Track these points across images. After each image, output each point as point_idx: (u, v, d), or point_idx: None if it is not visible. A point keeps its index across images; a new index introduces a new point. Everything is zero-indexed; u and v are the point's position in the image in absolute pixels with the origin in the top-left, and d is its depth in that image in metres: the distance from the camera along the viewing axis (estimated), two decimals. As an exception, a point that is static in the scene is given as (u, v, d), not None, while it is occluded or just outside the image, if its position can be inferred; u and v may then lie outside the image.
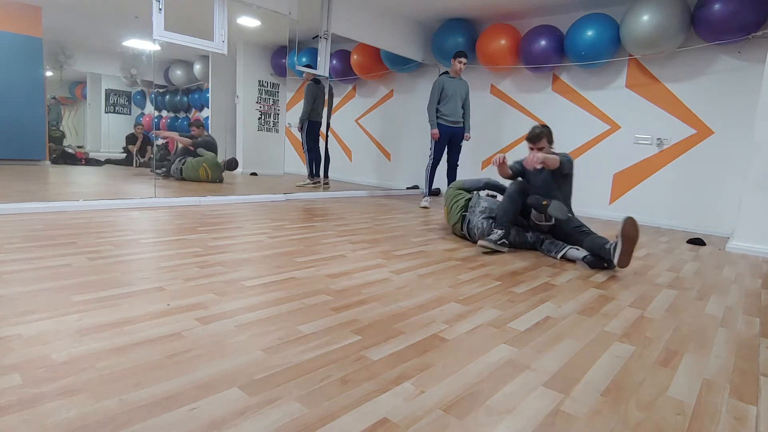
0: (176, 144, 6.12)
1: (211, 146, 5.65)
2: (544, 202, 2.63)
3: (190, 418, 0.92)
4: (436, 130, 4.56)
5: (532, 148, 2.85)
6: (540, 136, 2.82)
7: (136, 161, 5.85)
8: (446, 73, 4.64)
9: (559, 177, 2.77)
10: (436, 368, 1.21)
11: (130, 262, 1.98)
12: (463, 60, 4.52)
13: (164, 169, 5.53)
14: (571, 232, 2.68)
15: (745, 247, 3.30)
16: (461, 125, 4.70)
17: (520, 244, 2.89)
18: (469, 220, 2.98)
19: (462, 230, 3.05)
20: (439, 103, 4.57)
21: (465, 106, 4.69)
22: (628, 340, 1.51)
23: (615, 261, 2.34)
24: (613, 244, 2.38)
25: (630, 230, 2.27)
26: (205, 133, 5.77)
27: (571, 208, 2.81)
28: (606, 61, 4.49)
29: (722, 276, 2.55)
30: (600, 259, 2.47)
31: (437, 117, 4.58)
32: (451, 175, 4.79)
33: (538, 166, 2.61)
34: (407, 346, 1.34)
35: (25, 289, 1.58)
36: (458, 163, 4.83)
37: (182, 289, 1.68)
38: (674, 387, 1.21)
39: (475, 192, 3.15)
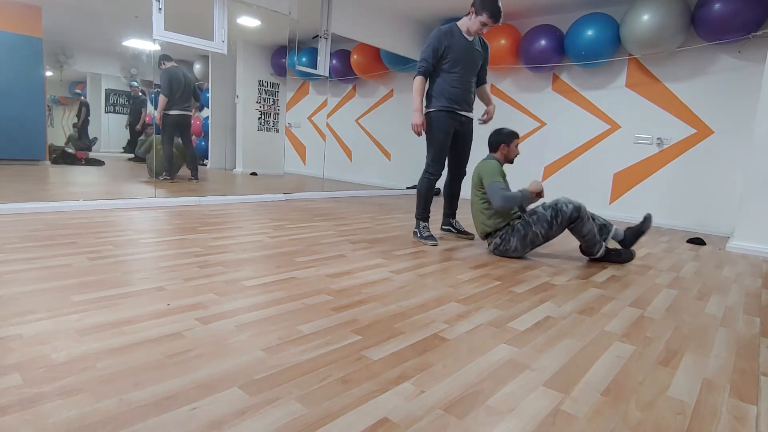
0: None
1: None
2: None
3: (191, 418, 0.92)
4: None
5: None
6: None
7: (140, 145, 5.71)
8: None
9: None
10: (436, 368, 1.21)
11: (130, 262, 1.98)
12: None
13: (165, 174, 5.37)
14: None
15: (745, 247, 3.30)
16: None
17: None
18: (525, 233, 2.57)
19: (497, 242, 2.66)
20: None
21: None
22: (629, 340, 1.51)
23: None
24: None
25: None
26: None
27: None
28: (606, 61, 4.49)
29: (722, 276, 2.54)
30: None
31: None
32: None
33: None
34: (407, 346, 1.34)
35: (25, 289, 1.58)
36: None
37: (182, 289, 1.68)
38: (674, 387, 1.21)
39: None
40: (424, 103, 2.87)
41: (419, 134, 2.79)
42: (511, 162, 2.79)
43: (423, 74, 2.78)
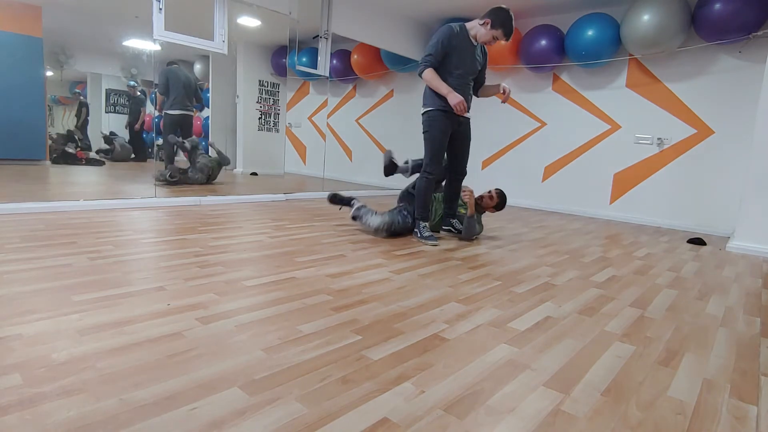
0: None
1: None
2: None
3: (191, 417, 0.92)
4: None
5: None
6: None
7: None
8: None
9: None
10: (436, 368, 1.21)
11: (130, 262, 1.98)
12: None
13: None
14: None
15: (745, 247, 3.30)
16: None
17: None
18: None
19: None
20: None
21: None
22: (629, 340, 1.51)
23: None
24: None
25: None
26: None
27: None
28: (606, 61, 4.48)
29: (723, 276, 2.54)
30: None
31: None
32: None
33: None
34: (407, 346, 1.34)
35: (26, 289, 1.58)
36: None
37: (182, 289, 1.68)
38: (674, 387, 1.21)
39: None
40: (423, 102, 2.88)
41: (466, 110, 2.83)
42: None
43: (431, 65, 2.78)
